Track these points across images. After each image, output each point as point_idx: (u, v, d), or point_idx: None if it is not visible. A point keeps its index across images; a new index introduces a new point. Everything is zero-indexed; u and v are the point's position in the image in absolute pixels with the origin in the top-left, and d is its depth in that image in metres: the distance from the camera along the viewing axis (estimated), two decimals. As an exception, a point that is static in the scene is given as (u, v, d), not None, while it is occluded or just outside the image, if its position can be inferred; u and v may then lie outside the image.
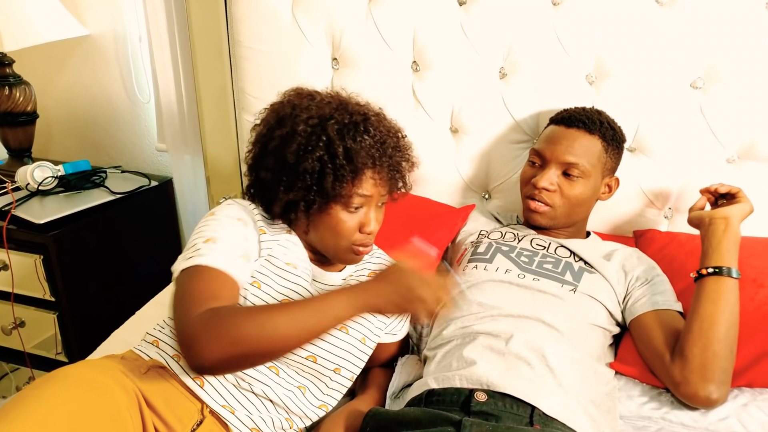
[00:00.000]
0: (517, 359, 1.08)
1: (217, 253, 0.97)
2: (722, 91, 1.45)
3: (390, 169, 1.07)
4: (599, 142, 1.33)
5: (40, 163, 1.86)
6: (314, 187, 1.02)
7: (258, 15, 1.63)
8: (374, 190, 1.06)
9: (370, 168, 1.04)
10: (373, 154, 1.03)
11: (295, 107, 1.06)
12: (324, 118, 1.03)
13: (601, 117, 1.37)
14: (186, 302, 0.91)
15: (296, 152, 1.01)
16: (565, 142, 1.33)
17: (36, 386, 0.85)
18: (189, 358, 0.87)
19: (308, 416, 1.10)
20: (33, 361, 1.89)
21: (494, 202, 1.67)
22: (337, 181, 1.01)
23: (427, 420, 0.96)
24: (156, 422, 0.94)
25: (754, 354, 1.22)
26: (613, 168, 1.38)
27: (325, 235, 1.08)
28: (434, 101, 1.62)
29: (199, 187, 2.11)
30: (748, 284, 1.26)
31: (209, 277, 0.95)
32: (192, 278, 0.95)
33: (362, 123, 1.04)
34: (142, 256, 2.10)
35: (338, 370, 1.09)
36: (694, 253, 1.32)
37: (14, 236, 1.73)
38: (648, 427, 1.13)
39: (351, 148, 1.01)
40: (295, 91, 1.13)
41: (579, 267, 1.28)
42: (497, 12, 1.53)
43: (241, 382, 1.02)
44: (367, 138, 1.03)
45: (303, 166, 1.01)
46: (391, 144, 1.07)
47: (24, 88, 1.95)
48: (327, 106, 1.05)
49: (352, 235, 1.07)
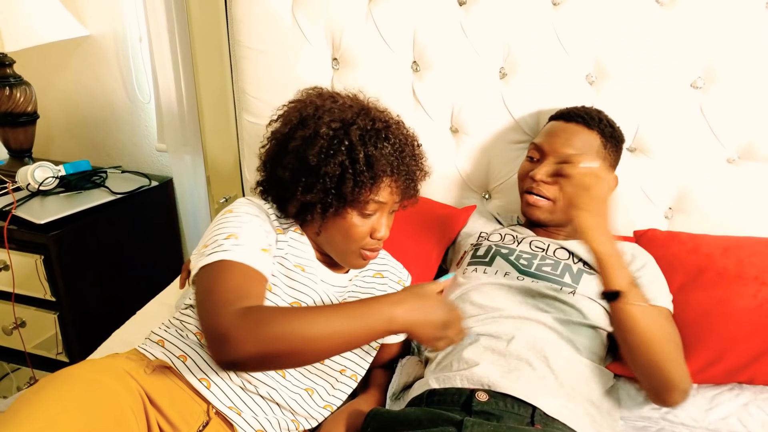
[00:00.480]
0: (519, 360, 1.08)
1: (242, 249, 0.97)
2: (722, 90, 1.45)
3: (406, 178, 1.08)
4: (598, 137, 1.33)
5: (40, 164, 1.86)
6: (333, 191, 1.02)
7: (258, 15, 1.63)
8: (389, 197, 1.06)
9: (388, 176, 1.04)
10: (392, 162, 1.04)
11: (318, 108, 1.06)
12: (347, 122, 1.03)
13: (601, 115, 1.37)
14: (216, 298, 0.90)
15: (318, 155, 1.01)
16: (563, 135, 1.33)
17: (40, 388, 0.85)
18: (221, 353, 0.86)
19: (314, 417, 1.10)
20: (34, 361, 1.90)
21: (494, 202, 1.67)
22: (356, 187, 1.01)
23: (428, 420, 0.96)
24: (161, 422, 0.94)
25: (756, 351, 1.23)
26: (612, 166, 1.39)
27: (336, 238, 1.08)
28: (434, 101, 1.62)
29: (200, 186, 2.11)
30: (750, 282, 1.26)
31: (238, 274, 0.95)
32: (220, 274, 0.94)
33: (384, 130, 1.05)
34: (142, 256, 2.10)
35: (344, 370, 1.10)
36: (696, 250, 1.32)
37: (15, 236, 1.74)
38: (648, 427, 1.14)
39: (372, 154, 1.01)
40: (316, 91, 1.13)
41: (578, 269, 1.28)
42: (497, 12, 1.53)
43: (248, 384, 1.02)
44: (387, 145, 1.03)
45: (324, 170, 1.01)
46: (409, 153, 1.08)
47: (24, 88, 1.95)
48: (349, 110, 1.05)
49: (363, 239, 1.07)
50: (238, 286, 0.92)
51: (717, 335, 1.24)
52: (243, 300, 0.90)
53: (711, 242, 1.38)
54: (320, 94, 1.11)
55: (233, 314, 0.87)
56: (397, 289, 1.23)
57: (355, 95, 1.12)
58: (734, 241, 1.38)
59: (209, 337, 0.87)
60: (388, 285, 1.22)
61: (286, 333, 0.86)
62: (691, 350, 1.22)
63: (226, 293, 0.91)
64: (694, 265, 1.31)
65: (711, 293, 1.27)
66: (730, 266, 1.30)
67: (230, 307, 0.88)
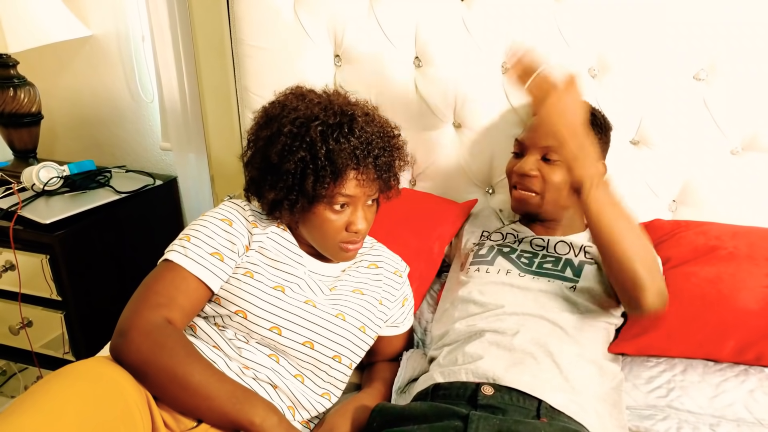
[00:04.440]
0: (524, 354, 1.09)
1: (189, 252, 1.04)
2: (726, 82, 1.44)
3: (377, 169, 1.08)
4: None
5: (45, 164, 1.87)
6: (296, 187, 1.05)
7: (260, 13, 1.63)
8: (358, 190, 1.07)
9: (353, 169, 1.05)
10: (357, 154, 1.04)
11: (285, 107, 1.09)
12: (309, 118, 1.05)
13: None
14: (143, 296, 1.00)
15: (280, 153, 1.04)
16: (543, 128, 1.33)
17: (46, 381, 0.86)
18: (115, 343, 0.95)
19: (313, 406, 1.11)
20: (41, 361, 1.90)
21: (498, 196, 1.67)
22: (318, 182, 1.03)
23: (434, 414, 0.96)
24: (165, 416, 0.95)
25: (765, 329, 1.22)
26: (598, 154, 1.38)
27: (312, 233, 1.12)
28: (437, 96, 1.62)
29: (204, 185, 2.12)
30: (762, 262, 1.27)
31: (171, 278, 1.02)
32: (157, 273, 1.04)
33: (347, 124, 1.05)
34: (147, 255, 2.09)
35: (338, 357, 1.11)
36: (705, 233, 1.35)
37: (21, 236, 1.74)
38: (654, 415, 1.14)
39: (333, 149, 1.03)
40: (291, 91, 1.15)
41: (579, 261, 1.28)
42: (499, 7, 1.53)
43: (246, 370, 1.04)
44: (352, 139, 1.04)
45: (285, 167, 1.04)
46: (379, 144, 1.08)
47: (28, 89, 1.96)
48: (316, 107, 1.07)
49: (338, 233, 1.10)
50: (167, 292, 1.01)
51: (728, 306, 1.23)
52: (165, 308, 0.98)
53: (719, 227, 1.39)
54: (293, 92, 1.14)
55: (146, 321, 0.96)
56: (395, 280, 1.25)
57: (334, 91, 1.15)
58: (742, 228, 1.39)
59: (118, 325, 0.96)
60: (383, 275, 1.24)
61: (167, 368, 0.93)
62: (699, 321, 1.23)
63: (154, 295, 1.00)
64: (704, 245, 1.32)
65: (723, 268, 1.27)
66: (741, 247, 1.30)
67: (151, 311, 0.97)
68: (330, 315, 1.10)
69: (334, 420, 1.05)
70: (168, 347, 0.94)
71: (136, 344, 0.93)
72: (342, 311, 1.12)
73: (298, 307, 1.07)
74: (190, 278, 1.03)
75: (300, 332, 1.07)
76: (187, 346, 0.97)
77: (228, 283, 1.07)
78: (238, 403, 0.93)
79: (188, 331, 1.10)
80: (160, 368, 0.93)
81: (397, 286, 1.26)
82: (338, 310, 1.12)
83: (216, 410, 0.93)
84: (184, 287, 1.02)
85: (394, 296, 1.24)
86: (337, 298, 1.14)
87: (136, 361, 0.93)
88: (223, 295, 1.07)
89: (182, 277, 1.03)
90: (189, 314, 1.04)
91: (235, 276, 1.07)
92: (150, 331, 0.95)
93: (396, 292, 1.25)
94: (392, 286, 1.25)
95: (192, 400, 0.94)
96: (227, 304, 1.07)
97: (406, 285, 1.29)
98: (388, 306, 1.22)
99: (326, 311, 1.10)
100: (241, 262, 1.09)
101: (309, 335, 1.07)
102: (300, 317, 1.07)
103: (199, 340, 1.08)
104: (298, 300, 1.08)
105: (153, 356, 0.93)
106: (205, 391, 0.93)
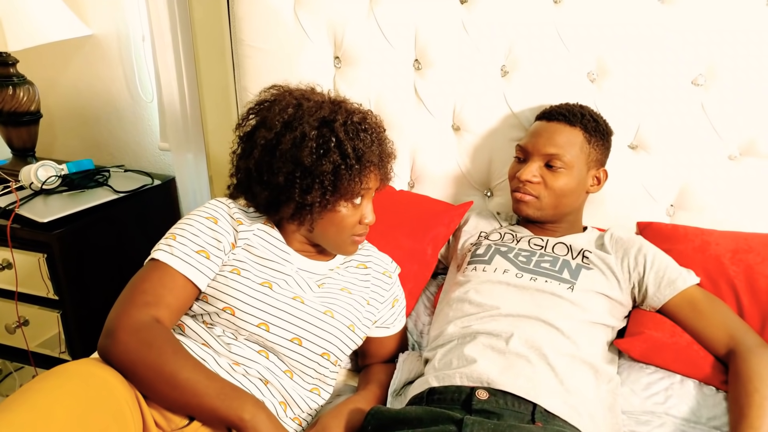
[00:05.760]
0: (518, 357, 1.08)
1: (175, 250, 1.05)
2: (724, 87, 1.44)
3: (386, 163, 1.16)
4: (581, 133, 1.35)
5: (43, 163, 1.86)
6: (329, 188, 1.07)
7: (260, 13, 1.63)
8: (375, 183, 1.14)
9: (374, 164, 1.11)
10: (374, 149, 1.10)
11: (299, 109, 1.09)
12: (328, 119, 1.08)
13: (583, 110, 1.39)
14: (130, 295, 1.00)
15: (311, 155, 1.05)
16: (545, 135, 1.35)
17: (38, 380, 0.86)
18: (102, 342, 0.95)
19: (305, 402, 1.11)
20: (37, 360, 1.90)
21: (496, 199, 1.67)
22: (351, 180, 1.07)
23: (428, 418, 0.96)
24: (155, 415, 0.96)
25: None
26: (599, 160, 1.39)
27: (329, 231, 1.14)
28: (436, 99, 1.62)
29: (202, 185, 2.12)
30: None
31: (160, 276, 1.03)
32: (145, 272, 1.04)
33: (362, 122, 1.10)
34: (145, 255, 2.08)
35: (326, 355, 1.11)
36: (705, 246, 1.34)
37: (18, 235, 1.74)
38: (651, 421, 1.13)
39: (358, 147, 1.07)
40: (280, 90, 1.16)
41: (576, 264, 1.28)
42: (499, 10, 1.53)
43: (236, 366, 1.05)
44: (367, 136, 1.10)
45: (320, 169, 1.05)
46: (384, 139, 1.15)
47: (28, 87, 1.96)
48: (326, 107, 1.10)
49: (354, 227, 1.14)
50: (154, 291, 1.01)
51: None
52: (153, 307, 0.99)
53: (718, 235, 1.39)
54: (288, 92, 1.15)
55: (134, 320, 0.96)
56: (383, 280, 1.26)
57: (312, 89, 1.17)
58: (742, 236, 1.38)
59: (106, 325, 0.96)
60: (371, 275, 1.24)
61: (156, 366, 0.93)
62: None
63: (141, 294, 1.00)
64: (701, 250, 1.35)
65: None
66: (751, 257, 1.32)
67: (139, 310, 0.97)
68: (318, 312, 1.10)
69: (327, 421, 1.05)
70: (156, 346, 0.94)
71: (123, 344, 0.93)
72: (331, 308, 1.12)
73: (285, 303, 1.08)
74: (177, 276, 1.03)
75: (288, 328, 1.07)
76: (175, 344, 0.97)
77: (215, 280, 1.08)
78: (227, 399, 0.93)
79: (176, 330, 1.10)
80: (149, 367, 0.93)
81: (386, 286, 1.26)
82: (327, 307, 1.12)
83: (205, 407, 0.93)
84: (171, 285, 1.03)
85: (382, 297, 1.24)
86: (325, 296, 1.15)
87: (124, 360, 0.93)
88: (210, 293, 1.07)
89: (169, 275, 1.03)
90: (177, 313, 1.04)
91: (221, 273, 1.08)
92: (137, 330, 0.95)
93: (385, 293, 1.25)
94: (381, 286, 1.25)
95: (181, 398, 0.93)
96: (214, 301, 1.07)
97: (396, 286, 1.29)
98: (376, 306, 1.22)
99: (314, 308, 1.10)
100: (228, 260, 1.10)
101: (297, 332, 1.08)
102: (288, 313, 1.07)
103: (188, 338, 1.08)
104: (285, 296, 1.09)
105: (141, 355, 0.93)
106: (193, 389, 0.93)
